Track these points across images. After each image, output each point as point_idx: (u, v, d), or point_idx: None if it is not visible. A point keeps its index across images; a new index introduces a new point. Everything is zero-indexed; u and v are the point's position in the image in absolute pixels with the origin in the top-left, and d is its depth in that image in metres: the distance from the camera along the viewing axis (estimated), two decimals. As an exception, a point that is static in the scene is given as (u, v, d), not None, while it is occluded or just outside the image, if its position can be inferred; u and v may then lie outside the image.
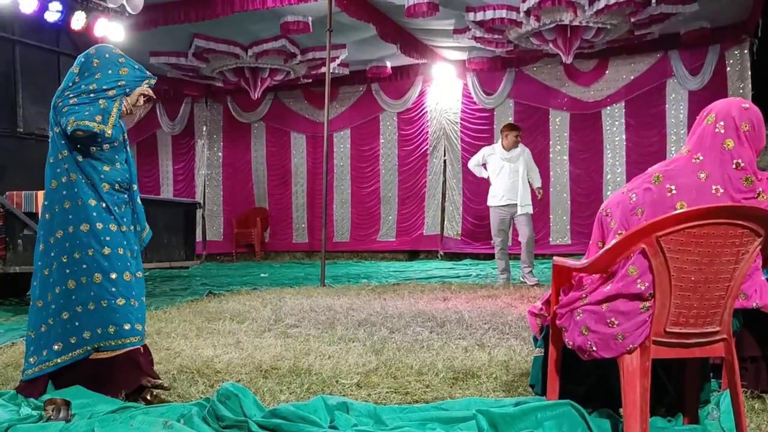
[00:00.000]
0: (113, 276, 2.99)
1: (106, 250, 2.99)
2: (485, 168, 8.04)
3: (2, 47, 7.37)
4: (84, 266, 2.98)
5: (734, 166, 2.34)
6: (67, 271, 2.97)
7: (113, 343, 2.97)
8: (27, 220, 6.08)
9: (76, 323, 2.96)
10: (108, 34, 7.94)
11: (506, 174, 7.81)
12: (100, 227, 3.00)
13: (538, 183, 8.05)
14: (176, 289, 8.23)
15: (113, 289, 2.98)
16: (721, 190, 2.31)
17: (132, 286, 3.05)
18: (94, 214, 3.00)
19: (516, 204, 7.80)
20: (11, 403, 2.81)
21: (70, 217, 3.00)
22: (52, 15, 7.29)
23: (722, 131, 2.37)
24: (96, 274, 2.97)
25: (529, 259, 7.82)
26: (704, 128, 2.41)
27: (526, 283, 7.71)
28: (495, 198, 7.86)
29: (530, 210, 8.00)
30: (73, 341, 2.96)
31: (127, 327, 2.98)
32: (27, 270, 6.29)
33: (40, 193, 6.16)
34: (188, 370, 3.51)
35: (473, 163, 8.18)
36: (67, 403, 2.68)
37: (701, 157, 2.36)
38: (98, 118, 2.96)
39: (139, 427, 2.49)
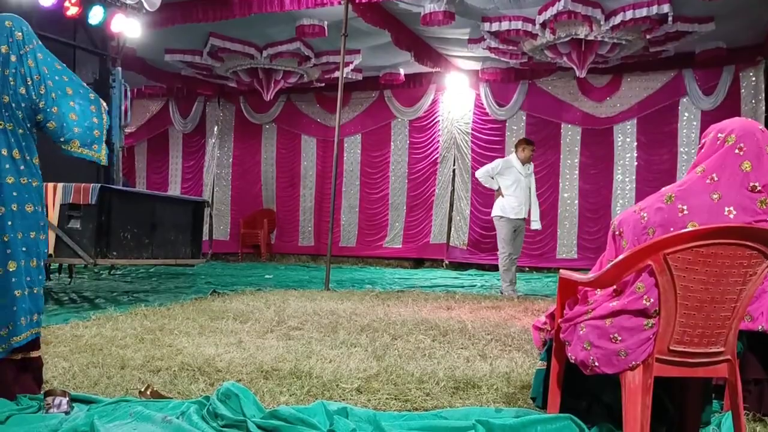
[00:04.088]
0: None
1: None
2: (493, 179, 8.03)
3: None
4: None
5: (750, 188, 2.30)
6: None
7: None
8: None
9: None
10: (125, 30, 8.00)
11: (523, 188, 7.88)
12: None
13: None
14: (181, 286, 8.25)
15: None
16: (734, 212, 2.27)
17: None
18: None
19: (524, 219, 7.90)
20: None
21: None
22: (71, 9, 7.34)
23: (741, 153, 2.32)
24: None
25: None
26: (726, 149, 2.34)
27: (514, 296, 7.67)
28: (512, 210, 7.81)
29: (540, 226, 8.16)
30: None
31: None
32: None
33: (50, 185, 6.20)
34: (189, 368, 3.51)
35: (485, 173, 8.07)
36: (67, 395, 2.69)
37: (716, 178, 2.32)
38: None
39: (137, 419, 2.50)
